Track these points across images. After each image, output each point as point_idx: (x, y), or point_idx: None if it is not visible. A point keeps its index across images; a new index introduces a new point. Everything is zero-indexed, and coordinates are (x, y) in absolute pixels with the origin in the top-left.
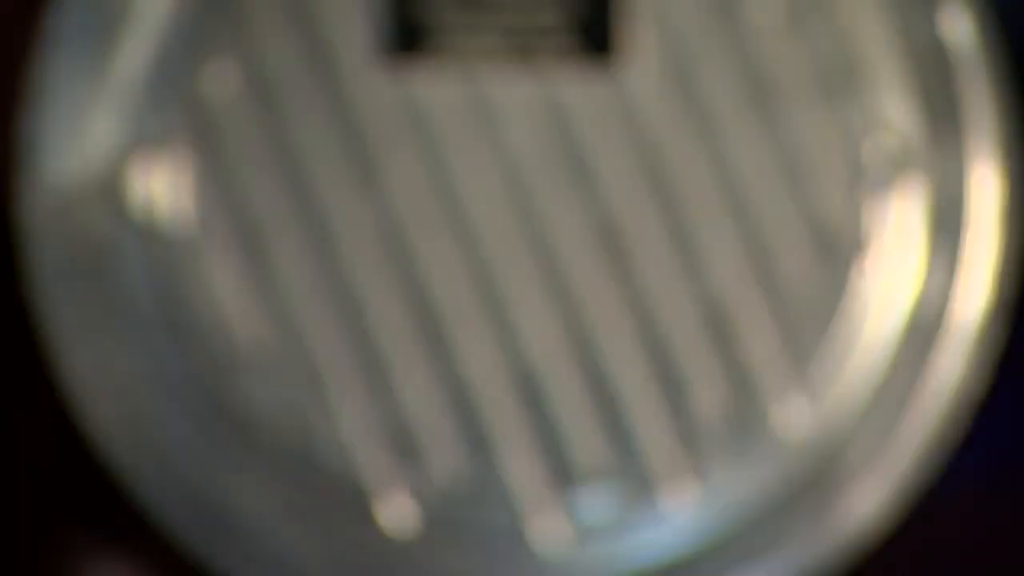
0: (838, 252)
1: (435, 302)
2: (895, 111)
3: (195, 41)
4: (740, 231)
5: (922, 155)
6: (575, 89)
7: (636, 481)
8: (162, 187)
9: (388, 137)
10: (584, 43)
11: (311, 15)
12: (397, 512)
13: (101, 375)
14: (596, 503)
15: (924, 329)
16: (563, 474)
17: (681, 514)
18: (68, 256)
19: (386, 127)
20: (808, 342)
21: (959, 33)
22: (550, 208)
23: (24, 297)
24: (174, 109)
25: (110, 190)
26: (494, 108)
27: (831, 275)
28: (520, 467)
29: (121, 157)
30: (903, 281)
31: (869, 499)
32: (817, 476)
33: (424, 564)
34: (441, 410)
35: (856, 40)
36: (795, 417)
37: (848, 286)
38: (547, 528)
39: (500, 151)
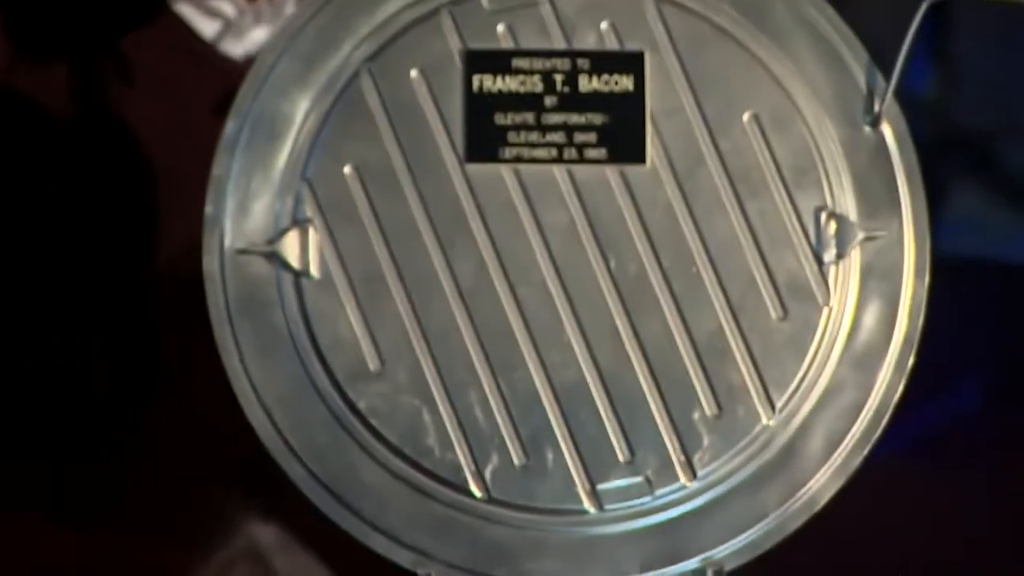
0: (800, 301)
1: (496, 335)
2: (841, 197)
3: (326, 145)
4: (726, 285)
5: (860, 230)
6: (602, 185)
7: (644, 470)
8: (304, 248)
9: (462, 215)
10: (613, 153)
11: (407, 126)
12: (475, 486)
13: (265, 386)
14: (615, 484)
15: (865, 355)
16: (592, 463)
17: (677, 495)
18: (240, 298)
19: (461, 207)
20: (777, 368)
21: (892, 139)
22: (580, 268)
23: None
24: (312, 193)
25: (269, 250)
26: (541, 197)
27: (795, 318)
28: (560, 457)
29: (276, 227)
30: (848, 321)
31: (822, 483)
32: (782, 469)
33: (494, 523)
34: (504, 414)
35: (814, 144)
36: (766, 424)
37: (807, 326)
38: (580, 502)
39: (543, 227)
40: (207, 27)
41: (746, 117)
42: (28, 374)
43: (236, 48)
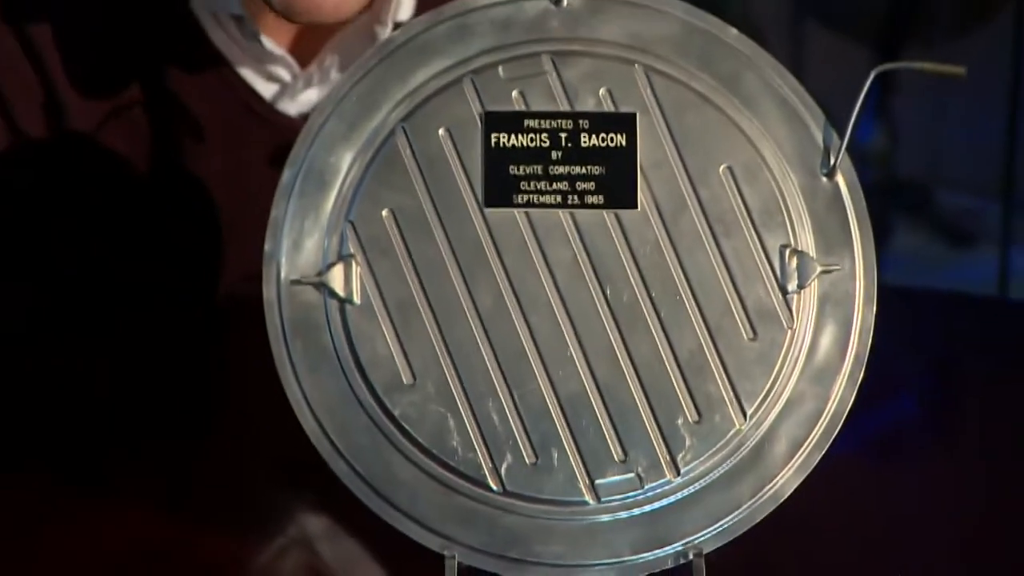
0: (767, 324)
1: (511, 353)
2: (802, 237)
3: (366, 192)
4: (704, 311)
5: (818, 264)
6: (600, 226)
7: (635, 468)
8: (348, 279)
9: (482, 251)
10: (609, 199)
11: (435, 176)
12: (492, 481)
13: (314, 396)
14: (610, 480)
15: (822, 371)
16: (591, 462)
17: (664, 489)
18: (293, 321)
19: (481, 245)
20: (748, 382)
21: (845, 187)
22: (581, 296)
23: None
24: (354, 232)
25: (318, 281)
26: (548, 236)
27: (763, 339)
28: (564, 457)
29: (324, 261)
30: (808, 342)
31: (786, 478)
32: (752, 467)
33: (509, 513)
34: (517, 420)
35: (779, 192)
36: (739, 429)
37: (774, 345)
38: (581, 494)
39: (550, 262)
40: (266, 89)
41: (721, 169)
42: (119, 381)
43: (291, 108)
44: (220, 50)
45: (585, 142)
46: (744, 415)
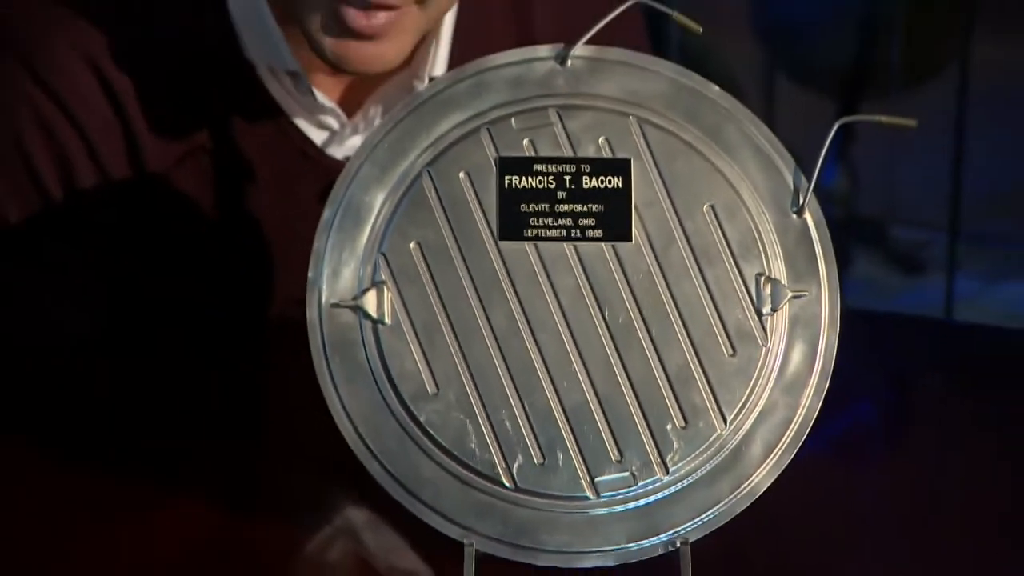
0: (745, 342)
1: (522, 367)
2: (775, 266)
3: (397, 227)
4: (690, 331)
5: (789, 290)
6: (599, 257)
7: (630, 467)
8: (380, 303)
9: (497, 279)
10: (607, 233)
11: (456, 213)
12: (506, 479)
13: (351, 405)
14: (608, 478)
15: (792, 383)
16: (592, 462)
17: (655, 486)
18: (333, 340)
19: (496, 273)
20: (728, 392)
21: (812, 223)
22: (582, 317)
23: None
24: (386, 262)
25: (354, 304)
26: (554, 265)
27: (741, 355)
28: (568, 458)
29: (359, 287)
30: (780, 358)
31: (761, 477)
32: (732, 467)
33: (520, 506)
34: (527, 426)
35: (755, 228)
36: (720, 433)
37: (751, 361)
38: (583, 491)
39: (556, 287)
40: (317, 136)
41: (705, 207)
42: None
43: (338, 152)
44: (277, 101)
45: (586, 184)
46: (725, 421)
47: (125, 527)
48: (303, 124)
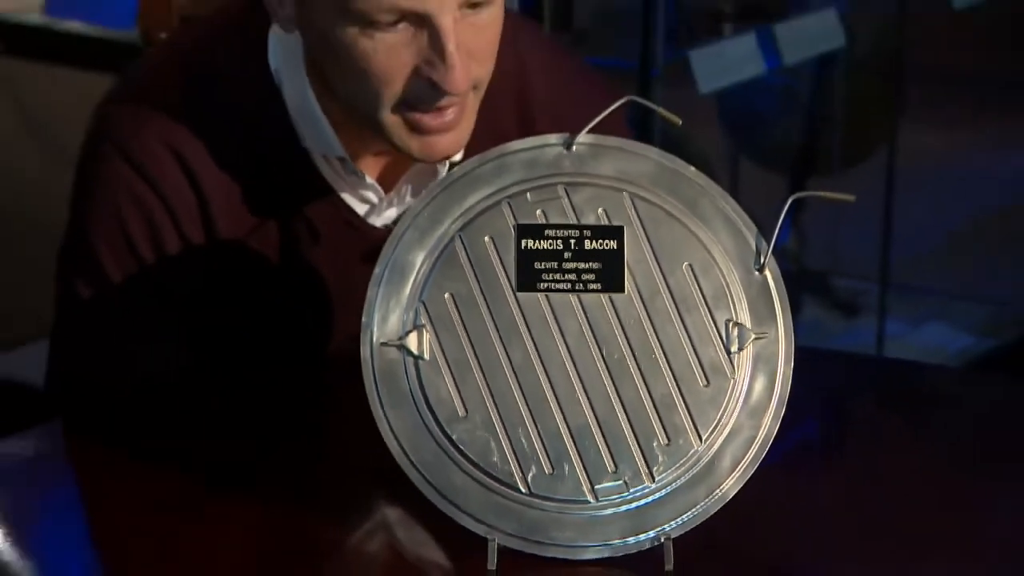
0: (717, 375)
1: (535, 395)
2: (741, 313)
3: (434, 281)
4: (672, 366)
5: (752, 333)
6: (598, 305)
7: (623, 477)
8: (420, 342)
9: (515, 323)
10: (605, 286)
11: (482, 270)
12: (522, 486)
13: (396, 425)
14: (605, 485)
15: (755, 409)
16: (592, 473)
17: (643, 492)
18: (382, 372)
19: (514, 319)
20: (703, 416)
21: (771, 278)
22: (585, 354)
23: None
24: (425, 310)
25: (399, 343)
26: (562, 312)
27: (714, 386)
28: (573, 469)
29: (403, 329)
30: (745, 389)
31: (730, 485)
32: (706, 477)
33: (533, 508)
34: (539, 443)
35: (725, 282)
36: (696, 449)
37: (721, 391)
38: (585, 496)
39: (564, 330)
40: (360, 208)
41: (684, 265)
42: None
43: (377, 221)
44: (328, 181)
45: (588, 246)
46: (700, 440)
47: (213, 524)
48: (349, 198)
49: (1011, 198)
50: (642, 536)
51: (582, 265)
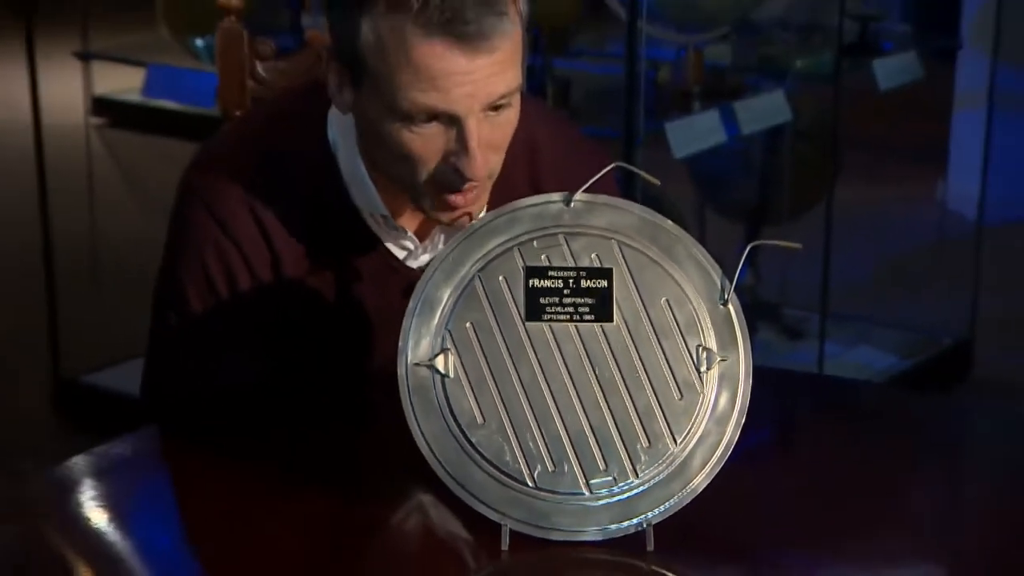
0: (689, 390)
1: (540, 407)
2: (709, 339)
3: (458, 313)
4: (653, 382)
5: (718, 355)
6: (592, 333)
7: (612, 473)
8: (447, 363)
9: (524, 348)
10: (597, 317)
11: (497, 304)
12: (529, 481)
13: (426, 430)
14: (598, 480)
15: (720, 419)
16: (587, 470)
17: (629, 486)
18: (415, 388)
19: (523, 344)
20: (678, 424)
21: (733, 311)
22: (581, 373)
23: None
24: (450, 336)
25: (429, 364)
26: (562, 339)
27: (687, 399)
28: (571, 468)
29: (432, 352)
30: (712, 401)
31: (699, 480)
32: (680, 474)
33: (539, 500)
34: (544, 446)
35: (696, 314)
36: (672, 451)
37: (693, 403)
38: (581, 489)
39: (564, 353)
40: (399, 253)
41: (662, 300)
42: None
43: (414, 264)
44: (374, 232)
45: (583, 284)
46: (675, 443)
47: (280, 506)
48: (391, 246)
49: (922, 243)
50: (628, 522)
51: (578, 300)
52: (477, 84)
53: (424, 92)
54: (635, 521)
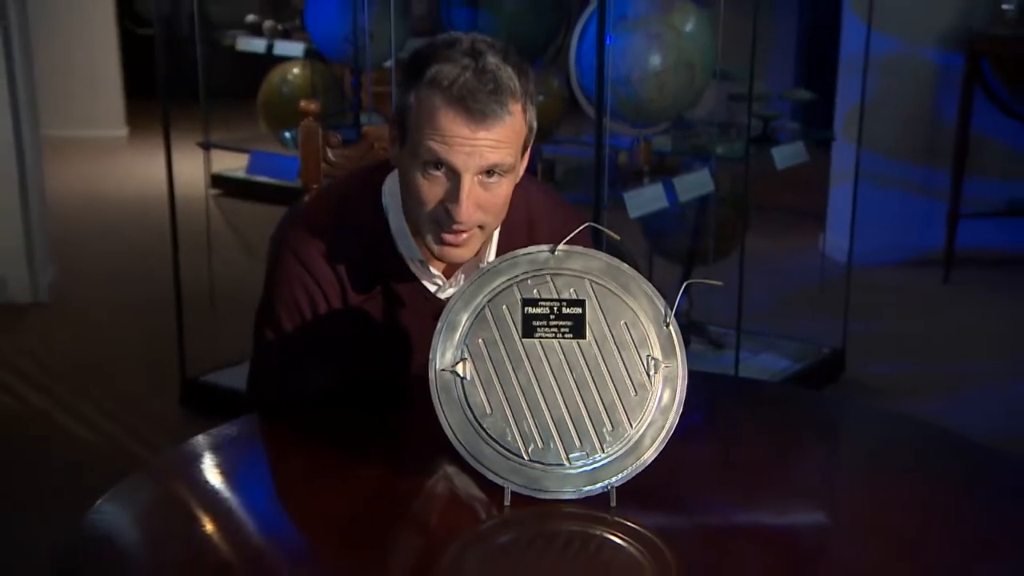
0: (642, 389)
1: (533, 400)
2: (656, 351)
3: (472, 332)
4: (616, 384)
5: (663, 363)
6: (571, 346)
7: (585, 449)
8: (464, 369)
9: (521, 356)
10: (574, 335)
11: (502, 326)
12: (525, 455)
13: (450, 418)
14: (574, 455)
15: (664, 409)
16: (567, 447)
17: (597, 459)
18: (441, 388)
19: (521, 355)
20: (634, 413)
21: (673, 332)
22: (562, 375)
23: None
24: (467, 348)
25: (452, 369)
26: (549, 350)
27: (640, 395)
28: (556, 446)
29: (454, 360)
30: (658, 397)
31: (649, 454)
32: (635, 450)
33: (531, 468)
34: (535, 430)
35: (647, 333)
36: (629, 432)
37: (645, 398)
38: (562, 462)
39: (549, 361)
40: (432, 287)
41: (622, 323)
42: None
43: (442, 295)
44: (414, 273)
45: (564, 310)
46: (631, 427)
47: (340, 475)
48: (425, 282)
49: (808, 280)
50: (597, 485)
51: (561, 323)
52: (475, 150)
53: (437, 144)
54: (601, 485)
